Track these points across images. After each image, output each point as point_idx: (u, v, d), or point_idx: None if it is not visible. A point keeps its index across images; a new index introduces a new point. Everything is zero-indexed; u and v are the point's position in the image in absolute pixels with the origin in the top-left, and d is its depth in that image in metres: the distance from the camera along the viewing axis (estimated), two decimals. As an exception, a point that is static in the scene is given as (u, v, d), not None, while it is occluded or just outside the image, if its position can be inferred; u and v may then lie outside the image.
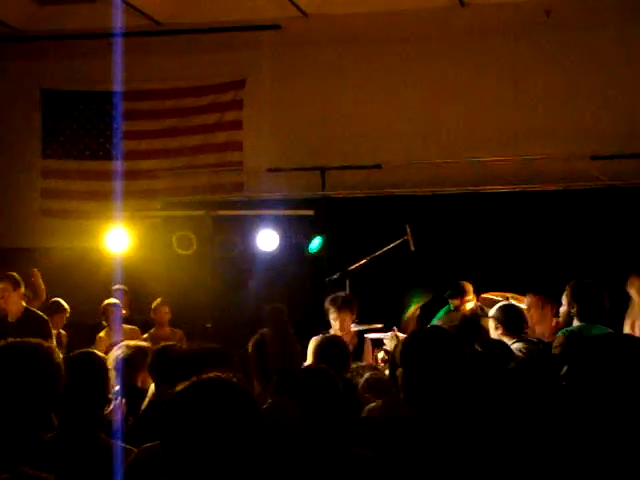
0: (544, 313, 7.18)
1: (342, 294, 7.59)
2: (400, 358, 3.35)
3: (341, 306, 7.25)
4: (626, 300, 7.32)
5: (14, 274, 7.69)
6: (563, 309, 6.18)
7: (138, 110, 11.35)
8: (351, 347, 6.66)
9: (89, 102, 11.60)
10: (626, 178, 9.69)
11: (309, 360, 5.47)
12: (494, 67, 10.39)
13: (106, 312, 8.62)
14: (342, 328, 7.20)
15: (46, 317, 7.80)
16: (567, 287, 6.17)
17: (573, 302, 5.97)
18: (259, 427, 2.36)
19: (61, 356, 3.22)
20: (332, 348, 5.12)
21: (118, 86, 10.07)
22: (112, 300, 8.66)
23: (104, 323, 8.65)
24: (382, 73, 10.68)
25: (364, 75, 10.73)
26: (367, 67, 10.73)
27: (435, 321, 8.27)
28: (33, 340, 3.18)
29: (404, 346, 3.37)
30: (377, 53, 10.68)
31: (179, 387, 2.39)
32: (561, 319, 6.38)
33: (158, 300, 9.35)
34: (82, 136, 11.63)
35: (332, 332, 7.13)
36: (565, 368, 4.45)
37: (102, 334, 8.56)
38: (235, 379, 2.43)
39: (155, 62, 11.09)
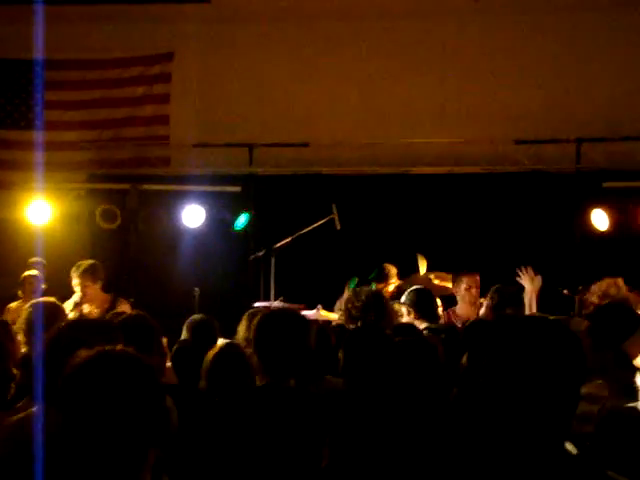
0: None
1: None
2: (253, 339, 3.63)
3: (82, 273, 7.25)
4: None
5: None
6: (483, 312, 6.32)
7: (63, 80, 11.10)
8: None
9: (11, 70, 11.29)
10: (549, 163, 9.90)
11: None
12: (423, 48, 10.45)
13: (24, 283, 8.43)
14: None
15: None
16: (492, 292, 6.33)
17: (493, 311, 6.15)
18: (158, 400, 2.36)
19: None
20: None
21: (40, 55, 9.82)
22: (32, 272, 8.48)
23: (20, 294, 8.46)
24: (312, 50, 10.65)
25: (294, 52, 10.69)
26: (297, 44, 10.69)
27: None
28: None
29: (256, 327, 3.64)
30: (306, 30, 10.64)
31: (77, 359, 2.38)
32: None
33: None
34: (3, 104, 11.33)
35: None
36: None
37: (13, 305, 8.35)
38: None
39: (82, 32, 10.85)
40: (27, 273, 8.47)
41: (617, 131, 9.74)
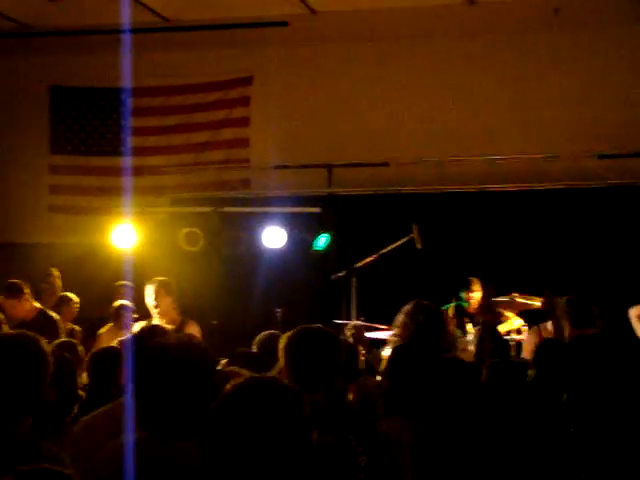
0: None
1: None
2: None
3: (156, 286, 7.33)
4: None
5: (16, 283, 7.86)
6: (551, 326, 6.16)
7: (146, 106, 11.37)
8: None
9: (97, 98, 11.62)
10: (635, 177, 9.67)
11: None
12: (503, 65, 10.36)
13: (118, 314, 8.60)
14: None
15: (56, 316, 7.95)
16: (560, 303, 6.15)
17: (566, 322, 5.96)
18: (307, 428, 2.31)
19: (46, 345, 3.20)
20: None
21: (126, 82, 10.07)
22: (124, 302, 8.63)
23: (110, 322, 8.63)
24: (390, 70, 10.66)
25: (372, 72, 10.71)
26: (375, 64, 10.72)
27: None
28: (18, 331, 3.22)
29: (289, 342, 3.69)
30: (385, 50, 10.67)
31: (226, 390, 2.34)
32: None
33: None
34: (90, 132, 11.65)
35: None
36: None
37: (103, 330, 8.54)
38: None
39: (163, 58, 11.11)
40: (119, 303, 8.61)
41: None
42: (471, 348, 7.16)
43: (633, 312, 6.84)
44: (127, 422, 3.04)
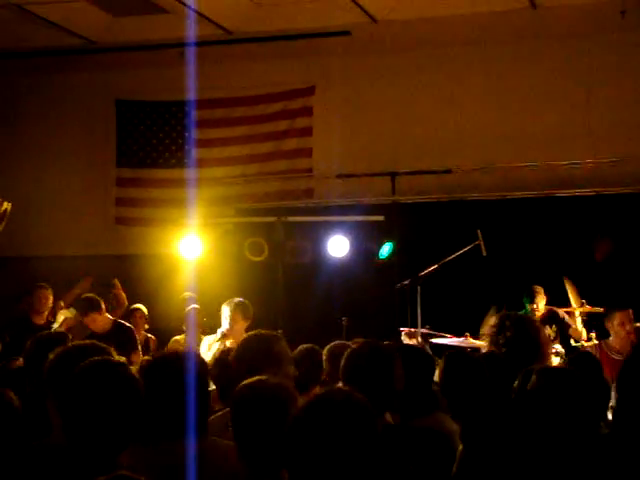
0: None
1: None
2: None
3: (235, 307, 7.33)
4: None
5: (94, 297, 8.01)
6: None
7: (210, 118, 11.50)
8: None
9: (162, 111, 11.78)
10: None
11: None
12: (566, 70, 10.25)
13: (187, 318, 8.72)
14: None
15: (131, 326, 8.09)
16: None
17: None
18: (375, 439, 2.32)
19: (133, 371, 3.24)
20: None
21: (190, 95, 10.20)
22: (196, 306, 8.74)
23: (183, 327, 8.77)
24: (452, 77, 10.62)
25: (433, 80, 10.68)
26: (436, 72, 10.69)
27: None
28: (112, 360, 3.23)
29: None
30: (446, 57, 10.63)
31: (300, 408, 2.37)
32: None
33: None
34: (155, 145, 11.82)
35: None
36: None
37: (179, 337, 8.68)
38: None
39: (226, 70, 11.23)
40: (190, 307, 8.72)
41: None
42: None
43: None
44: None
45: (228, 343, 7.32)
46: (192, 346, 7.43)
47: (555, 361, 7.11)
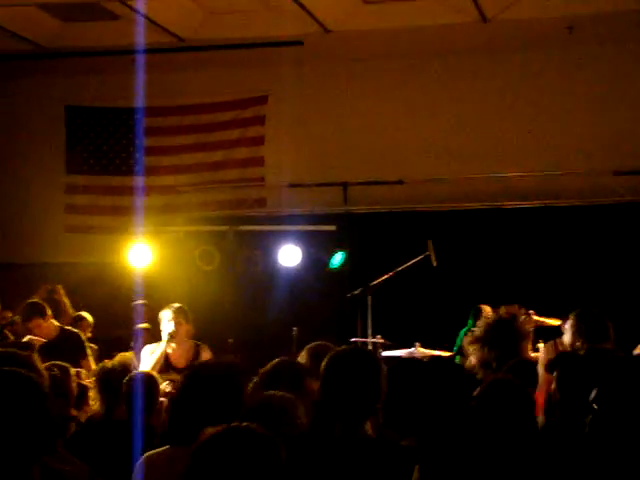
0: None
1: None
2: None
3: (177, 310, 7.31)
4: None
5: (39, 303, 7.86)
6: (567, 340, 6.02)
7: (161, 126, 11.43)
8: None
9: (112, 118, 11.68)
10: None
11: None
12: (516, 82, 10.38)
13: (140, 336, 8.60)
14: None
15: (80, 332, 7.95)
16: (571, 317, 6.02)
17: (579, 337, 5.83)
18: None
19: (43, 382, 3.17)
20: None
21: (141, 102, 10.13)
22: (144, 325, 8.64)
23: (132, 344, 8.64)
24: (404, 89, 10.70)
25: (386, 91, 10.75)
26: (389, 82, 10.76)
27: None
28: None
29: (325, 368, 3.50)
30: (399, 69, 10.70)
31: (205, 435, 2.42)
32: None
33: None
34: (105, 152, 11.71)
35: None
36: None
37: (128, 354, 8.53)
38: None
39: (178, 78, 11.17)
40: (141, 326, 8.61)
41: None
42: None
43: None
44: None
45: (172, 346, 7.29)
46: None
47: None
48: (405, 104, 10.66)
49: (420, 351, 8.02)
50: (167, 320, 7.36)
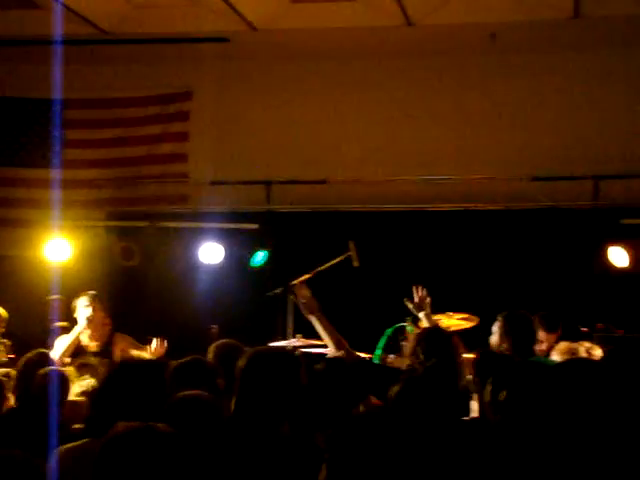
0: None
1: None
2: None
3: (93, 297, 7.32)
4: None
5: None
6: (494, 340, 6.13)
7: (82, 119, 11.23)
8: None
9: (31, 109, 11.42)
10: (566, 199, 9.89)
11: None
12: (440, 87, 10.51)
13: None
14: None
15: None
16: (499, 318, 6.13)
17: (505, 336, 5.94)
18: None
19: None
20: None
21: (60, 94, 9.94)
22: (62, 324, 8.48)
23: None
24: (329, 89, 10.73)
25: (311, 90, 10.77)
26: (314, 83, 10.77)
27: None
28: None
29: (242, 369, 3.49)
30: (325, 69, 10.73)
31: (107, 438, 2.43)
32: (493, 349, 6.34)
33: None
34: (24, 143, 11.45)
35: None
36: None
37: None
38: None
39: (101, 71, 11.00)
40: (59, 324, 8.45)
41: (635, 167, 9.74)
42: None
43: None
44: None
45: (84, 339, 7.22)
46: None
47: None
48: (330, 104, 10.69)
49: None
50: (83, 306, 7.30)
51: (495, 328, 6.07)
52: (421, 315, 6.37)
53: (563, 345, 6.67)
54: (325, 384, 4.24)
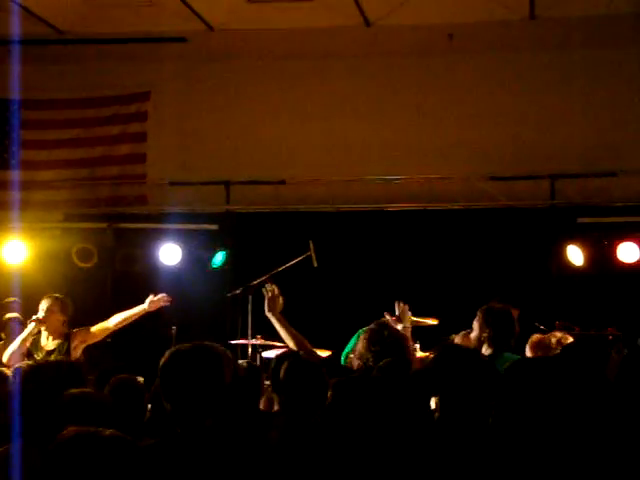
0: None
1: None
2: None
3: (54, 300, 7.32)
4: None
5: None
6: (474, 334, 6.16)
7: (38, 119, 11.11)
8: None
9: (-14, 109, 11.28)
10: (523, 199, 9.99)
11: None
12: (398, 87, 10.54)
13: (6, 326, 8.37)
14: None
15: None
16: (479, 312, 6.16)
17: (485, 327, 5.98)
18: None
19: None
20: None
21: (17, 94, 9.85)
22: (13, 315, 8.41)
23: (2, 336, 8.40)
24: (288, 89, 10.73)
25: (270, 91, 10.76)
26: (273, 83, 10.76)
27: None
28: None
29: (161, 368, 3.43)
30: (283, 69, 10.72)
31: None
32: (473, 344, 6.37)
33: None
34: (-21, 144, 11.30)
35: None
36: None
37: None
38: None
39: (57, 71, 10.88)
40: (8, 316, 8.39)
41: (591, 167, 9.86)
42: None
43: None
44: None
45: (44, 340, 7.19)
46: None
47: None
48: (288, 105, 10.69)
49: (301, 352, 8.04)
50: (41, 309, 7.28)
51: (475, 323, 6.09)
52: (399, 328, 6.38)
53: (535, 337, 6.71)
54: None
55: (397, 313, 6.74)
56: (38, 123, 11.13)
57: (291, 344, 5.66)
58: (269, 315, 5.94)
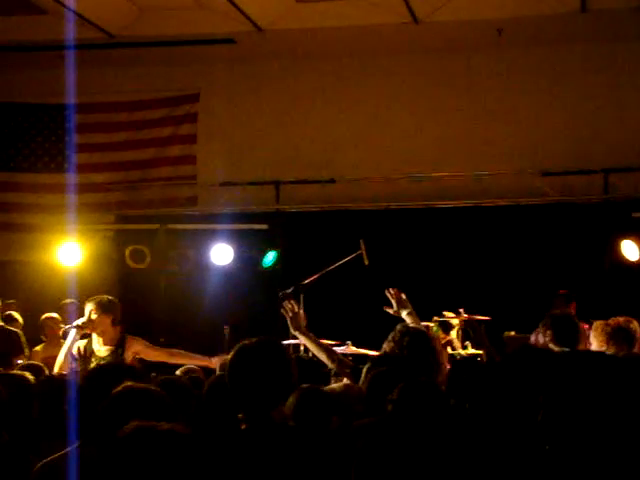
0: None
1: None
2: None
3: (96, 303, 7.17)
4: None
5: None
6: (534, 338, 6.11)
7: (91, 123, 11.27)
8: None
9: (41, 114, 11.49)
10: (576, 194, 9.85)
11: None
12: (447, 84, 10.49)
13: (44, 326, 8.46)
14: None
15: (16, 330, 7.79)
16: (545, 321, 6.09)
17: (547, 329, 5.92)
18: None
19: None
20: None
21: (71, 99, 9.99)
22: (51, 314, 8.49)
23: (43, 338, 8.49)
24: (337, 88, 10.74)
25: (318, 90, 10.77)
26: (321, 82, 10.78)
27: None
28: None
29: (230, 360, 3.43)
30: (331, 68, 10.74)
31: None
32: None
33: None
34: (34, 149, 11.51)
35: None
36: None
37: (38, 348, 8.40)
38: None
39: (109, 75, 11.04)
40: (45, 315, 8.48)
41: (645, 160, 9.70)
42: None
43: None
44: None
45: (95, 345, 7.21)
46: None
47: None
48: (337, 103, 10.70)
49: (351, 350, 8.06)
50: (85, 313, 7.27)
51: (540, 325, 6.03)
52: (404, 315, 6.30)
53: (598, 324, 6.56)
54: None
55: (394, 304, 6.56)
56: (91, 126, 11.30)
57: (323, 357, 5.57)
58: (296, 334, 5.83)
